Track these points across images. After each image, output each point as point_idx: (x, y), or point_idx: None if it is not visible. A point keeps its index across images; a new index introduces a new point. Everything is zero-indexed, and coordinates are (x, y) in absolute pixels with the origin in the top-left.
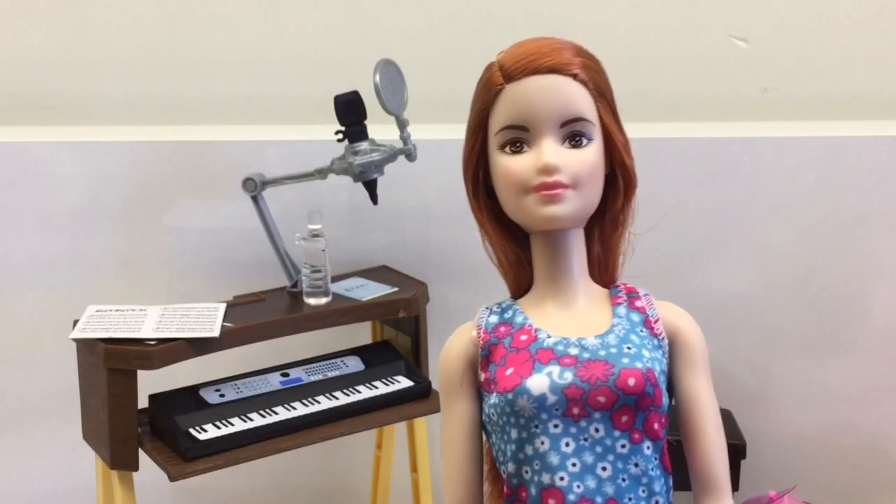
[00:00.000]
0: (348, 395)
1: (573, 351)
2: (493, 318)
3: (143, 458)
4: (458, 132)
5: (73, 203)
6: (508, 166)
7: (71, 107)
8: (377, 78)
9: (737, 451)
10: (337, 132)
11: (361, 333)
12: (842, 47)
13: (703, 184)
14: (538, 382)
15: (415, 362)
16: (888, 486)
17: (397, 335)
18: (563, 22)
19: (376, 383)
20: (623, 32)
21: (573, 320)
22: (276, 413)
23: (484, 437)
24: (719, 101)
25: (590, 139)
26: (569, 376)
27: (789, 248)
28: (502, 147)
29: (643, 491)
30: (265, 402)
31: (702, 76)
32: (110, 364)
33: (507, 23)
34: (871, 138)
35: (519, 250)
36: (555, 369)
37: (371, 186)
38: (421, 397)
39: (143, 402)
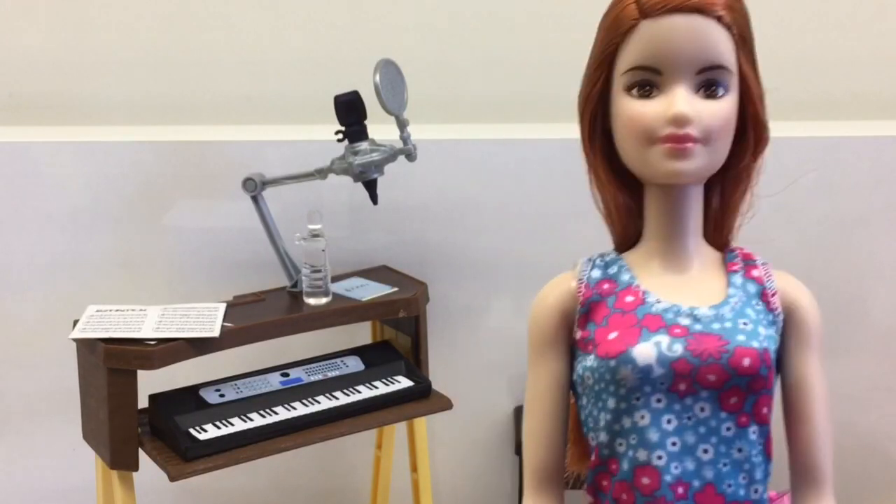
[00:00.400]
0: (348, 395)
1: (684, 321)
2: (596, 273)
3: (143, 458)
4: (458, 132)
5: (73, 203)
6: (635, 111)
7: (71, 107)
8: (377, 78)
9: None
10: (337, 132)
11: (361, 333)
12: (842, 47)
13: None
14: (645, 351)
15: (415, 362)
16: (888, 486)
17: (397, 335)
18: (563, 22)
19: (376, 383)
20: None
21: (684, 285)
22: (276, 413)
23: (572, 397)
24: None
25: (727, 90)
26: (679, 348)
27: (789, 247)
28: (629, 89)
29: (744, 478)
30: (265, 402)
31: None
32: (110, 364)
33: (507, 23)
34: (871, 138)
35: (630, 200)
36: (664, 339)
37: (371, 186)
38: (421, 397)
39: (143, 402)
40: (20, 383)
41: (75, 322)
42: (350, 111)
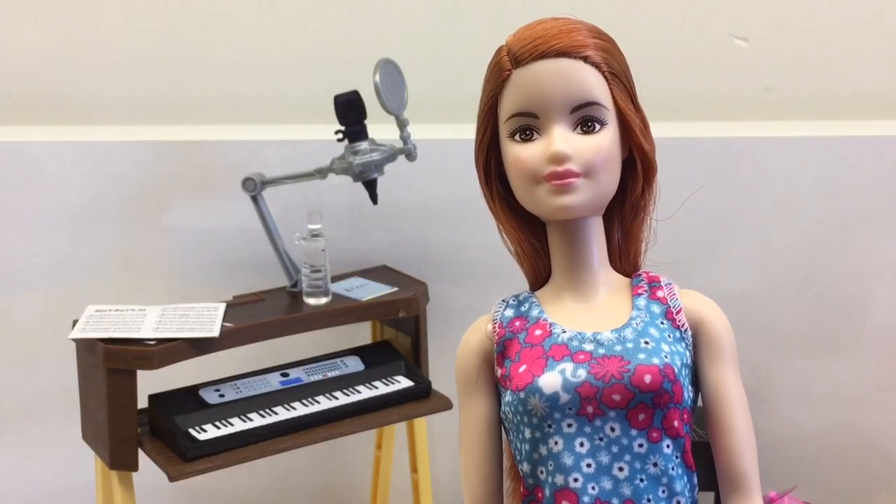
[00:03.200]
0: (348, 395)
1: (588, 347)
2: (509, 312)
3: (143, 458)
4: (458, 132)
5: (73, 203)
6: (518, 155)
7: (71, 107)
8: (377, 78)
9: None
10: (337, 132)
11: (361, 333)
12: (842, 47)
13: (704, 184)
14: (550, 381)
15: (415, 362)
16: (888, 486)
17: (397, 335)
18: None
19: (376, 383)
20: (623, 32)
21: (591, 313)
22: (275, 413)
23: (504, 434)
24: (719, 101)
25: (603, 124)
26: (582, 374)
27: (790, 247)
28: (512, 135)
29: (663, 491)
30: (265, 402)
31: (702, 76)
32: (110, 364)
33: (507, 23)
34: (871, 138)
35: (535, 240)
36: (568, 366)
37: (371, 186)
38: (421, 397)
39: (142, 402)
40: (20, 383)
41: (75, 322)
42: (350, 111)
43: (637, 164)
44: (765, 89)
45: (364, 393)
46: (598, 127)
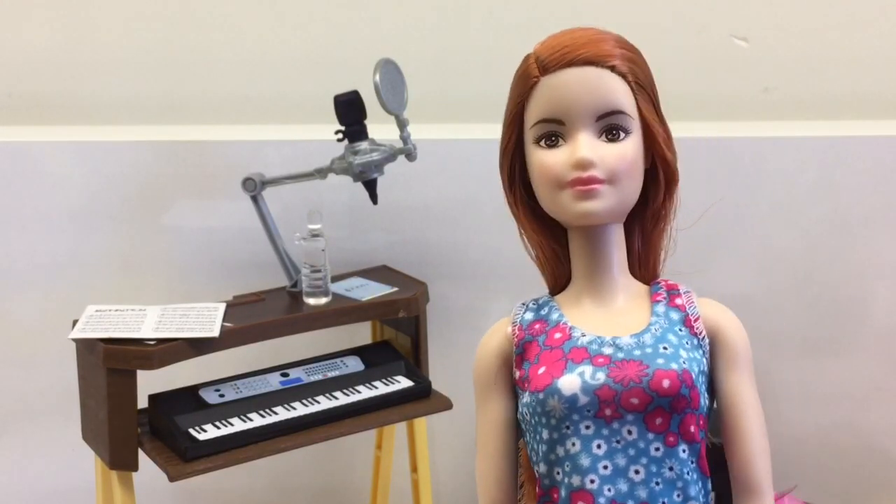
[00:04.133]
0: (348, 395)
1: (607, 350)
2: (529, 315)
3: (143, 458)
4: (458, 132)
5: (73, 203)
6: (543, 161)
7: (71, 107)
8: (377, 78)
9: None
10: (337, 132)
11: (361, 333)
12: (842, 47)
13: (704, 184)
14: (569, 382)
15: (415, 362)
16: (888, 486)
17: (397, 335)
18: (563, 23)
19: (376, 383)
20: (623, 32)
21: (610, 318)
22: (275, 413)
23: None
24: (719, 101)
25: (627, 132)
26: (601, 377)
27: (790, 248)
28: (537, 141)
29: (678, 495)
30: (265, 402)
31: (702, 76)
32: (110, 364)
33: (507, 23)
34: (871, 138)
35: (556, 245)
36: (587, 369)
37: (371, 186)
38: (421, 397)
39: (142, 403)
40: (20, 383)
41: (75, 322)
42: (350, 111)
43: (659, 173)
44: (765, 89)
45: (364, 393)
46: (622, 135)
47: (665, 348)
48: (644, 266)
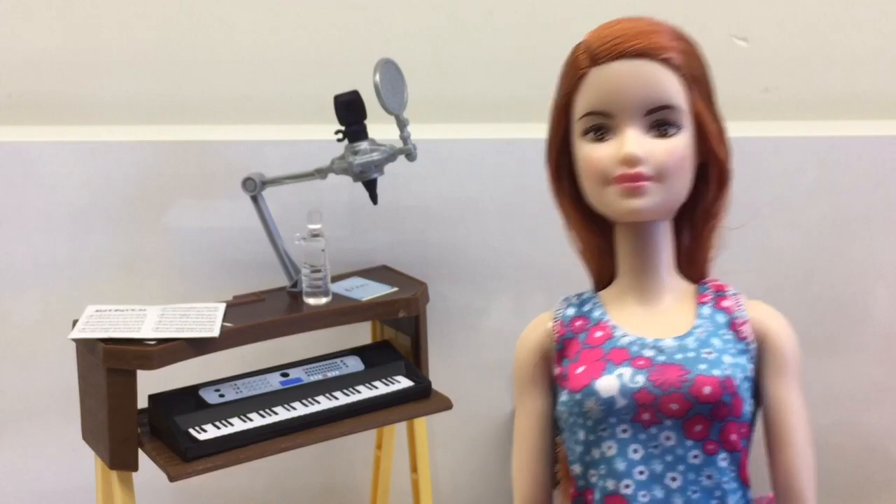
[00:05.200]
0: (348, 395)
1: (648, 353)
2: (571, 311)
3: (143, 458)
4: (458, 132)
5: (73, 203)
6: (590, 154)
7: (71, 107)
8: (377, 78)
9: None
10: (337, 132)
11: (361, 333)
12: (842, 47)
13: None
14: (608, 384)
15: (415, 362)
16: (888, 486)
17: (397, 335)
18: (563, 22)
19: (376, 383)
20: None
21: (654, 318)
22: (275, 413)
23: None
24: (720, 101)
25: (678, 128)
26: (640, 380)
27: (790, 247)
28: (585, 133)
29: None
30: (265, 402)
31: None
32: (110, 364)
33: (506, 23)
34: (871, 138)
35: (601, 240)
36: (626, 371)
37: (371, 186)
38: (421, 397)
39: (142, 402)
40: (20, 383)
41: (75, 322)
42: (350, 111)
43: (711, 170)
44: (765, 89)
45: (364, 393)
46: (672, 131)
47: (708, 353)
48: (692, 265)
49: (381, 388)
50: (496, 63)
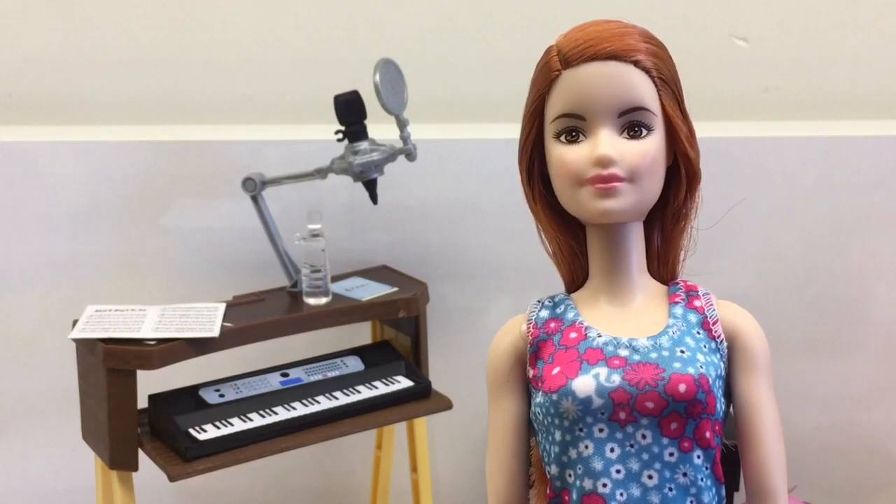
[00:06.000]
0: (348, 395)
1: (623, 352)
2: (544, 313)
3: (143, 458)
4: (458, 132)
5: (73, 203)
6: (563, 156)
7: (71, 107)
8: (377, 78)
9: (737, 452)
10: (337, 132)
11: (361, 333)
12: (842, 47)
13: (704, 184)
14: (584, 384)
15: (415, 362)
16: (888, 486)
17: (397, 335)
18: (562, 23)
19: (376, 383)
20: None
21: (627, 319)
22: (275, 413)
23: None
24: (719, 101)
25: (650, 130)
26: (616, 379)
27: (790, 247)
28: (558, 136)
29: (691, 502)
30: (265, 402)
31: (702, 76)
32: (110, 364)
33: (507, 23)
34: (871, 138)
35: (574, 242)
36: (602, 371)
37: (371, 186)
38: (421, 397)
39: (142, 402)
40: (20, 383)
41: (75, 322)
42: (350, 111)
43: (681, 171)
44: (765, 89)
45: (364, 393)
46: (644, 132)
47: (682, 352)
48: (663, 265)
49: (381, 388)
50: (496, 63)
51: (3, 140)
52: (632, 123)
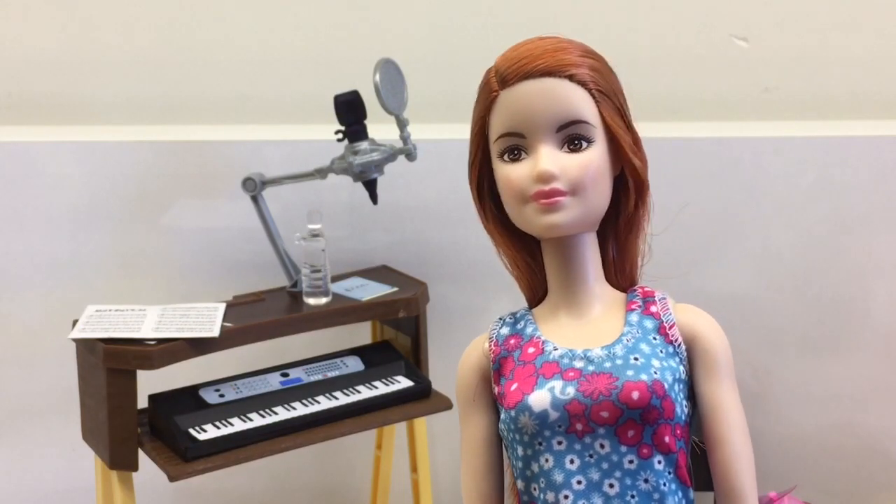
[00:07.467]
0: (348, 395)
1: (578, 364)
2: (505, 330)
3: (143, 458)
4: (457, 132)
5: (73, 203)
6: (507, 175)
7: (71, 107)
8: (377, 78)
9: None
10: (337, 132)
11: (361, 333)
12: (842, 47)
13: (704, 184)
14: (539, 398)
15: (415, 362)
16: (888, 486)
17: (397, 335)
18: (562, 23)
19: (376, 383)
20: (623, 32)
21: (584, 330)
22: (275, 413)
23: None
24: (719, 101)
25: (590, 142)
26: (571, 391)
27: (790, 247)
28: (501, 155)
29: None
30: (265, 402)
31: (702, 76)
32: (110, 364)
33: (507, 23)
34: (871, 138)
35: (529, 258)
36: (557, 384)
37: (371, 186)
38: (421, 397)
39: (142, 402)
40: (20, 383)
41: (75, 322)
42: (350, 111)
43: (629, 181)
44: (765, 89)
45: (364, 393)
46: (584, 145)
47: (636, 359)
48: (621, 273)
49: (381, 388)
50: None
51: (3, 140)
52: (571, 137)
